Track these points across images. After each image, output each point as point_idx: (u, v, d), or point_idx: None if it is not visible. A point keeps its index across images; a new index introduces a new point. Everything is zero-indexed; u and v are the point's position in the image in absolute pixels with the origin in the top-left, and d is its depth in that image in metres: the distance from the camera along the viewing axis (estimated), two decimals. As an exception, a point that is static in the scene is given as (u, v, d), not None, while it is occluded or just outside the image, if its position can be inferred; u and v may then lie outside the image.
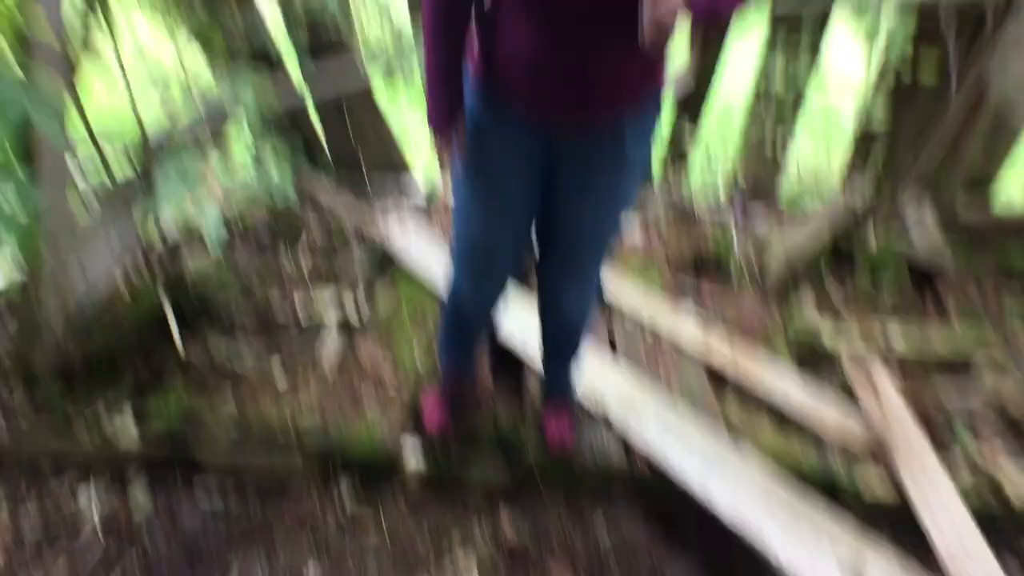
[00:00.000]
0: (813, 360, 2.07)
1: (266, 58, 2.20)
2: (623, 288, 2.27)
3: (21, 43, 1.53)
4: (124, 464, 1.68)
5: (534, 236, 1.38)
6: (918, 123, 2.84)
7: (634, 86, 1.07)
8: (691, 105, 2.93)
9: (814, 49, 2.69)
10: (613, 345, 2.04)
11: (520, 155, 1.18)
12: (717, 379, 1.92)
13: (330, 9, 1.68)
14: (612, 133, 1.13)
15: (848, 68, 4.13)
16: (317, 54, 2.45)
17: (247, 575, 1.44)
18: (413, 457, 1.62)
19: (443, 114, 1.19)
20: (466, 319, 1.54)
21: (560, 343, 1.58)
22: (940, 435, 1.75)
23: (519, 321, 1.91)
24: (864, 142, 2.95)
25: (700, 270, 2.60)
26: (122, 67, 1.82)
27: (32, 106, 1.33)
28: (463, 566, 1.45)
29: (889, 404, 1.77)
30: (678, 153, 3.03)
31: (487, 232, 1.29)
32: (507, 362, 1.91)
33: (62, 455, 1.69)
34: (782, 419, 1.79)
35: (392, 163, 3.06)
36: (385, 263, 2.45)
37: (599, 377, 1.81)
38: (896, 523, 1.51)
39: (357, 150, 2.87)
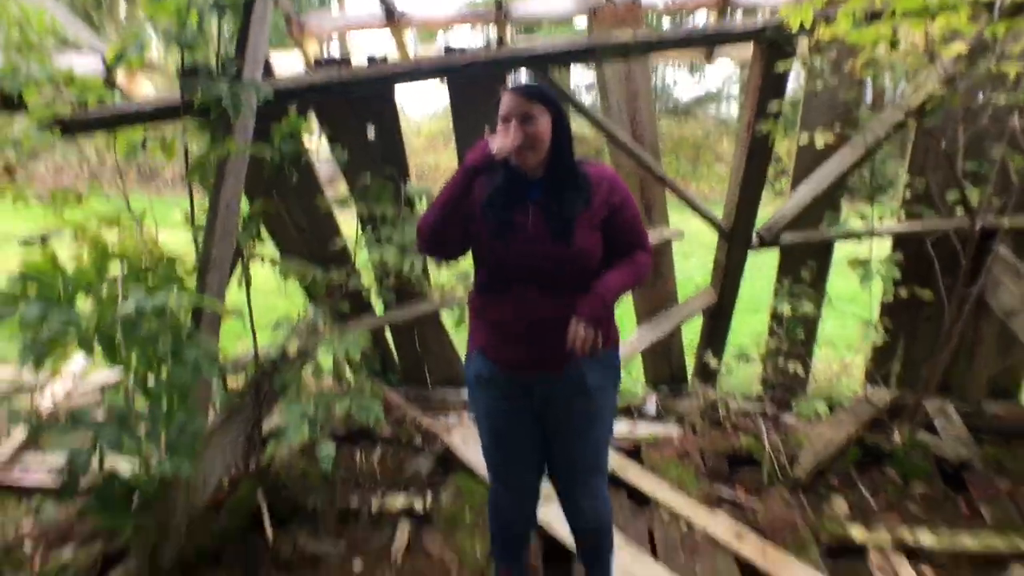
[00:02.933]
0: (841, 553, 2.22)
1: (358, 294, 2.82)
2: (661, 486, 2.53)
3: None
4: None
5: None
6: (927, 333, 3.17)
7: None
8: (717, 315, 3.37)
9: (821, 271, 3.15)
10: (652, 541, 2.26)
11: (510, 397, 1.63)
12: (747, 570, 2.09)
13: (416, 271, 2.27)
14: (576, 380, 1.58)
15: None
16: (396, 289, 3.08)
17: None
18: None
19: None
20: (507, 518, 1.88)
21: (590, 543, 1.89)
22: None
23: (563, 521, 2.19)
24: (883, 349, 3.27)
25: (733, 465, 2.83)
26: (250, 312, 2.42)
27: (203, 360, 1.82)
28: None
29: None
30: (708, 358, 3.40)
31: (500, 455, 1.75)
32: (556, 549, 2.19)
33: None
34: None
35: (455, 379, 3.55)
36: (449, 463, 2.81)
37: (640, 570, 2.03)
38: None
39: (424, 367, 3.40)
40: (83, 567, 2.19)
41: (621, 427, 3.03)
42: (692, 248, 7.26)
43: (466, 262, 2.78)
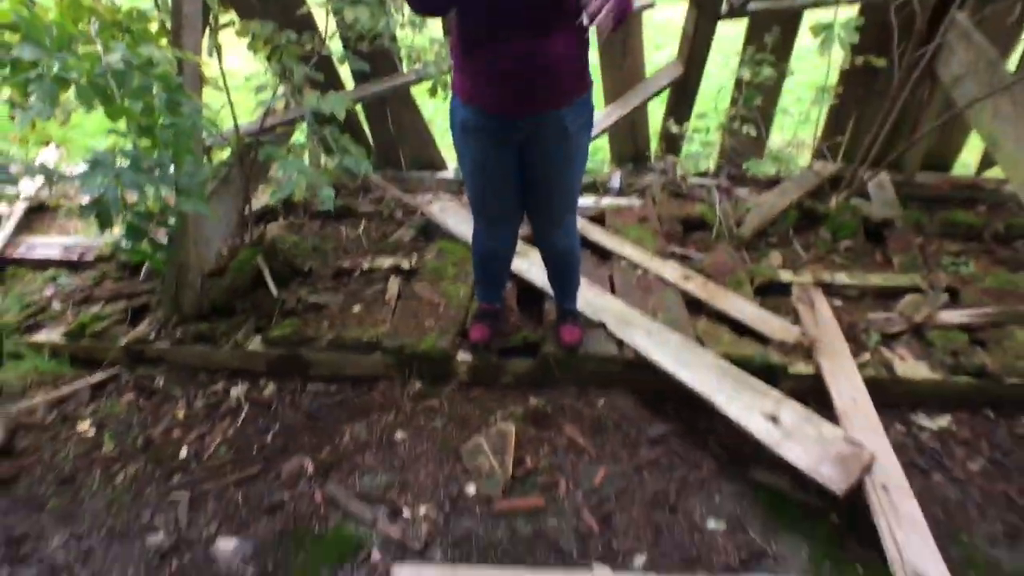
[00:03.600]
0: (770, 291, 2.63)
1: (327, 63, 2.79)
2: (621, 243, 2.84)
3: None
4: (256, 371, 2.33)
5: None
6: (876, 106, 3.34)
7: (566, 90, 1.66)
8: (682, 89, 3.47)
9: (786, 42, 3.20)
10: (612, 285, 2.62)
11: (494, 141, 1.77)
12: (691, 304, 2.49)
13: (389, 30, 2.27)
14: (556, 123, 1.71)
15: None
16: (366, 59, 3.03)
17: (355, 437, 2.07)
18: (464, 356, 2.24)
19: None
20: (488, 257, 2.16)
21: (560, 275, 2.20)
22: (859, 338, 2.30)
23: (536, 265, 2.51)
24: (834, 120, 3.46)
25: (687, 229, 3.15)
26: (225, 82, 2.44)
27: (196, 116, 1.93)
28: (503, 426, 2.06)
29: (821, 314, 2.34)
30: (671, 131, 3.57)
31: (485, 195, 1.93)
32: (529, 294, 2.55)
33: (212, 364, 2.34)
34: (740, 332, 2.35)
35: (430, 161, 3.65)
36: (429, 232, 3.06)
37: (600, 301, 2.41)
38: (814, 397, 2.06)
39: (399, 149, 3.48)
40: (114, 318, 2.47)
41: (587, 200, 3.27)
42: (665, 38, 7.03)
43: (437, 25, 2.76)
